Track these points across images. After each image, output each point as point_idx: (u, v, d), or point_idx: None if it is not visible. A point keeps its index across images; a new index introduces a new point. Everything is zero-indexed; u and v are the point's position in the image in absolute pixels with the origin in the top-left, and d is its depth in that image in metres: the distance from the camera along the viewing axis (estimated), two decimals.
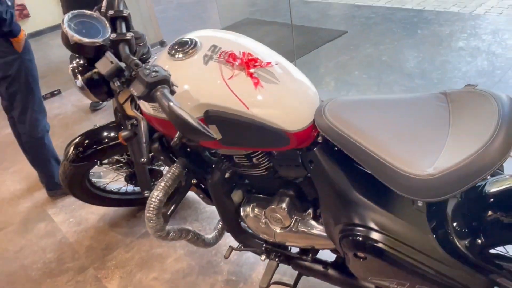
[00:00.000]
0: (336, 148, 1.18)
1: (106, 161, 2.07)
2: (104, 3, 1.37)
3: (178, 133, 1.22)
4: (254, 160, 1.34)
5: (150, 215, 1.39)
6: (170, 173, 1.41)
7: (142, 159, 1.37)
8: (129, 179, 2.18)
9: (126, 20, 1.33)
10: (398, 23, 4.57)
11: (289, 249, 1.59)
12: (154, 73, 1.02)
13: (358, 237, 1.16)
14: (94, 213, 2.46)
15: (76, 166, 1.92)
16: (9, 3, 2.11)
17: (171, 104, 0.95)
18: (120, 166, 2.11)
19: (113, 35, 1.25)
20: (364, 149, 1.06)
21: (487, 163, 0.91)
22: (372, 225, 1.15)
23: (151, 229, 1.43)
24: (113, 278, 2.02)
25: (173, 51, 1.23)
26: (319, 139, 1.21)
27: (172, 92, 1.05)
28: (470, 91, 1.08)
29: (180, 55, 1.21)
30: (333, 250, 1.45)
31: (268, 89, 1.15)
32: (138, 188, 2.26)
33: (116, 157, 2.06)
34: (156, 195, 1.38)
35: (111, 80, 1.17)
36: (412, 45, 3.91)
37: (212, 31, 1.31)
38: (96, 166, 2.03)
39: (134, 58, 1.16)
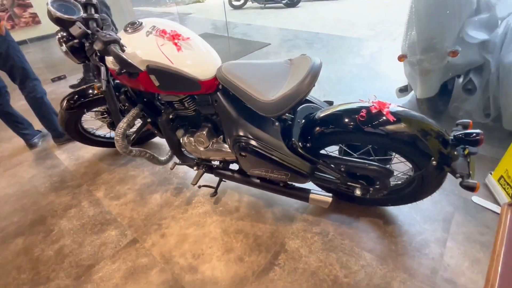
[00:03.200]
0: (230, 93, 1.28)
1: (93, 110, 1.95)
2: None
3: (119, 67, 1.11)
4: (185, 104, 1.42)
5: (117, 137, 1.43)
6: (131, 113, 1.45)
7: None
8: (111, 126, 2.08)
9: (95, 6, 1.27)
10: (303, 40, 4.76)
11: (211, 163, 1.68)
12: (108, 35, 1.07)
13: (241, 143, 1.30)
14: (89, 152, 2.37)
15: (69, 113, 1.85)
16: None
17: (113, 48, 0.97)
18: (103, 117, 2.02)
19: (84, 15, 1.22)
20: (241, 89, 1.19)
21: (299, 92, 1.08)
22: (249, 136, 1.29)
23: (119, 147, 1.45)
24: (100, 190, 1.98)
25: (127, 28, 1.25)
26: (220, 86, 1.30)
27: (122, 51, 1.10)
28: (302, 57, 1.25)
29: (131, 31, 1.23)
30: (236, 162, 1.55)
31: (186, 52, 1.22)
32: None
33: (100, 109, 1.96)
34: (121, 126, 1.42)
35: (80, 39, 1.14)
36: (309, 53, 4.11)
37: (153, 18, 1.33)
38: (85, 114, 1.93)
39: (97, 27, 1.16)
